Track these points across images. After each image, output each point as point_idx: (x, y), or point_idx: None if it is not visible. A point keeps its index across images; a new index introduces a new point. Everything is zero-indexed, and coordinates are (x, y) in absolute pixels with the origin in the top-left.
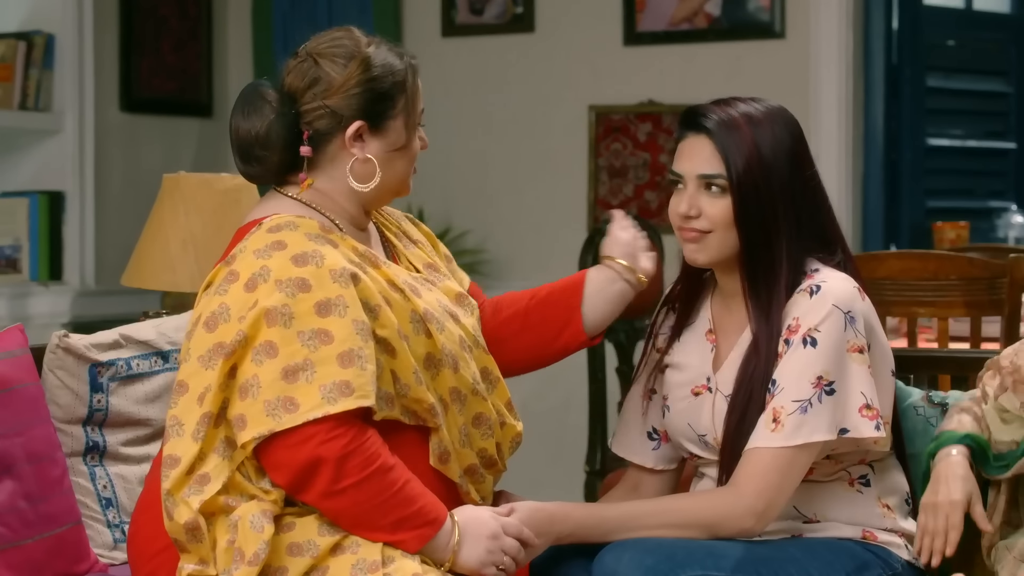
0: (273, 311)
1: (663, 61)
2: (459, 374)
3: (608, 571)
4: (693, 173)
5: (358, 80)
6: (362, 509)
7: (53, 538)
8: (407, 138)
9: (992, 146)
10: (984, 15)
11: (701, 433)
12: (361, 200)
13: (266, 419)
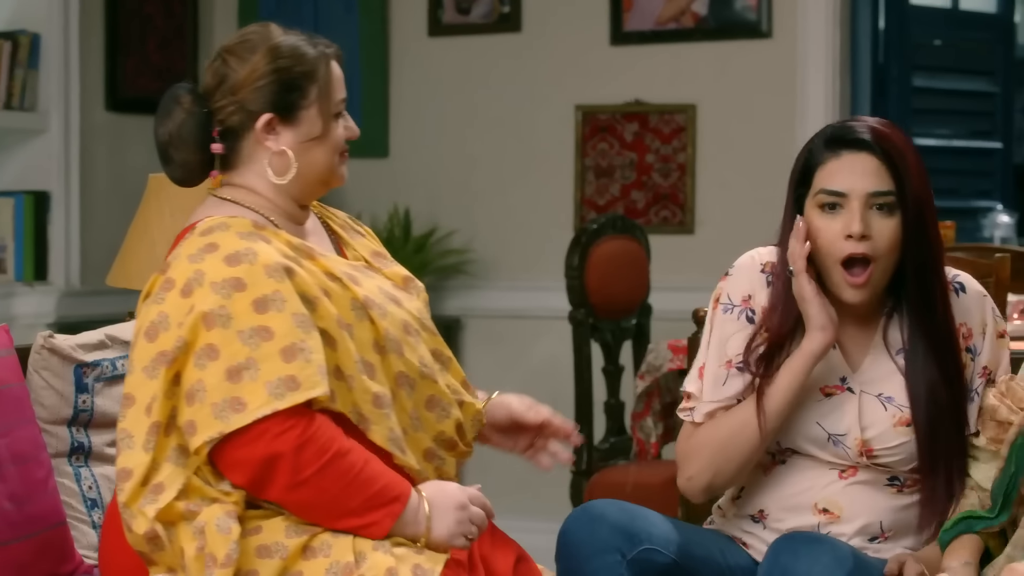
0: (210, 314)
1: (650, 61)
2: (404, 358)
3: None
4: (863, 191)
5: (263, 72)
6: (327, 496)
7: (38, 539)
8: (323, 127)
9: (978, 146)
10: (971, 15)
11: (839, 433)
12: (290, 194)
13: (215, 422)
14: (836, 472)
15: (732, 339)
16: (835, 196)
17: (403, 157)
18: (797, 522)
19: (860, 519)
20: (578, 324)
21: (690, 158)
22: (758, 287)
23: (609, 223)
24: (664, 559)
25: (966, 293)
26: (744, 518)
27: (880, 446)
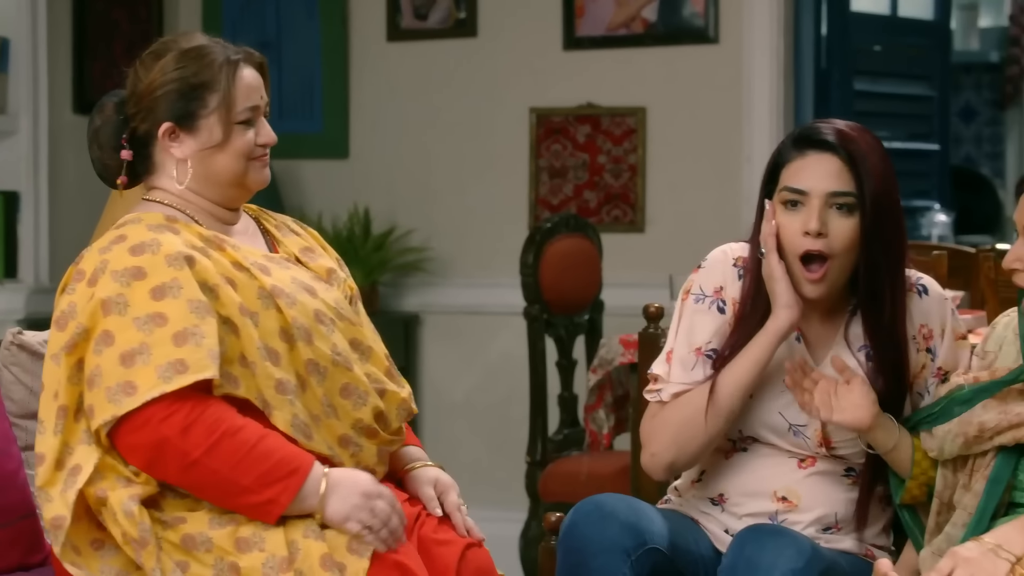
0: (108, 301)
1: (601, 65)
2: (314, 346)
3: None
4: (823, 191)
5: (162, 81)
6: (220, 475)
7: (8, 530)
8: (223, 135)
9: (916, 147)
10: (909, 21)
11: (800, 424)
12: (207, 197)
13: (109, 405)
14: (795, 461)
15: (703, 327)
16: (797, 194)
17: (363, 158)
18: (755, 507)
19: (817, 509)
20: (533, 320)
21: (640, 159)
22: (730, 280)
23: (562, 222)
24: (661, 555)
25: (928, 295)
26: (703, 500)
27: (839, 438)
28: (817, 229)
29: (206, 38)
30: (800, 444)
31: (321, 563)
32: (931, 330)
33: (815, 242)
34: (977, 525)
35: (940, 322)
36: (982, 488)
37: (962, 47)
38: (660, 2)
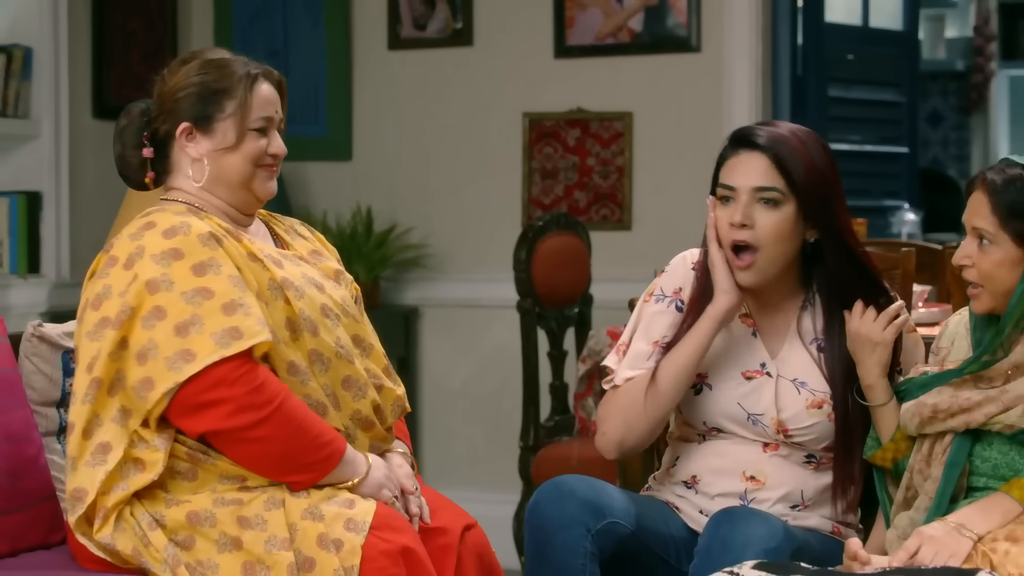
0: (153, 281)
1: (590, 72)
2: (319, 337)
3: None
4: (748, 186)
5: (185, 84)
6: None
7: (30, 511)
8: (236, 138)
9: (887, 150)
10: (880, 32)
11: (757, 413)
12: (222, 198)
13: (170, 373)
14: (760, 445)
15: (661, 324)
16: (728, 190)
17: (365, 160)
18: (726, 487)
19: (783, 487)
20: (525, 313)
21: (627, 161)
22: (687, 282)
23: (553, 220)
24: (624, 531)
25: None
26: (678, 484)
27: (794, 426)
28: (740, 221)
29: (230, 54)
30: (760, 432)
31: (318, 542)
32: None
33: (740, 232)
34: (937, 509)
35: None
36: (940, 474)
37: (930, 56)
38: (646, 12)
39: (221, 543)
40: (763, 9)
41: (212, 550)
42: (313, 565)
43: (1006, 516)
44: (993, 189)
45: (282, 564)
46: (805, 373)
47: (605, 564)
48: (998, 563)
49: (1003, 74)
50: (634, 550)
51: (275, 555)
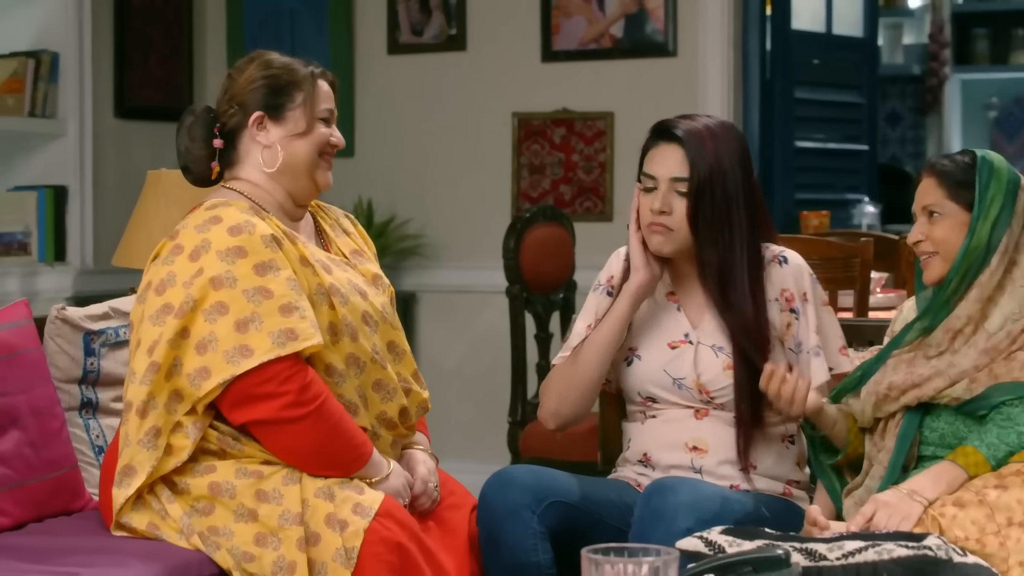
0: (218, 278)
1: (575, 75)
2: (358, 343)
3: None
4: (667, 176)
5: (256, 77)
6: (321, 431)
7: (53, 480)
8: (307, 125)
9: (849, 148)
10: (842, 38)
11: (680, 378)
12: (284, 186)
13: (227, 366)
14: (692, 413)
15: (594, 307)
16: (650, 179)
17: (367, 157)
18: (674, 460)
19: (723, 452)
20: (514, 298)
21: (609, 158)
22: (618, 271)
23: (540, 212)
24: (569, 507)
25: (788, 264)
26: (635, 464)
27: (714, 387)
28: (660, 208)
29: (289, 57)
30: (687, 396)
31: (326, 520)
32: (792, 293)
33: (659, 218)
34: (890, 477)
35: (798, 287)
36: (893, 445)
37: (888, 61)
38: (626, 20)
39: (239, 513)
40: (734, 17)
41: (230, 519)
42: (319, 540)
43: (952, 483)
44: (941, 170)
45: (292, 538)
46: (722, 340)
47: (558, 539)
48: (946, 527)
49: (956, 78)
50: (587, 523)
51: (287, 529)
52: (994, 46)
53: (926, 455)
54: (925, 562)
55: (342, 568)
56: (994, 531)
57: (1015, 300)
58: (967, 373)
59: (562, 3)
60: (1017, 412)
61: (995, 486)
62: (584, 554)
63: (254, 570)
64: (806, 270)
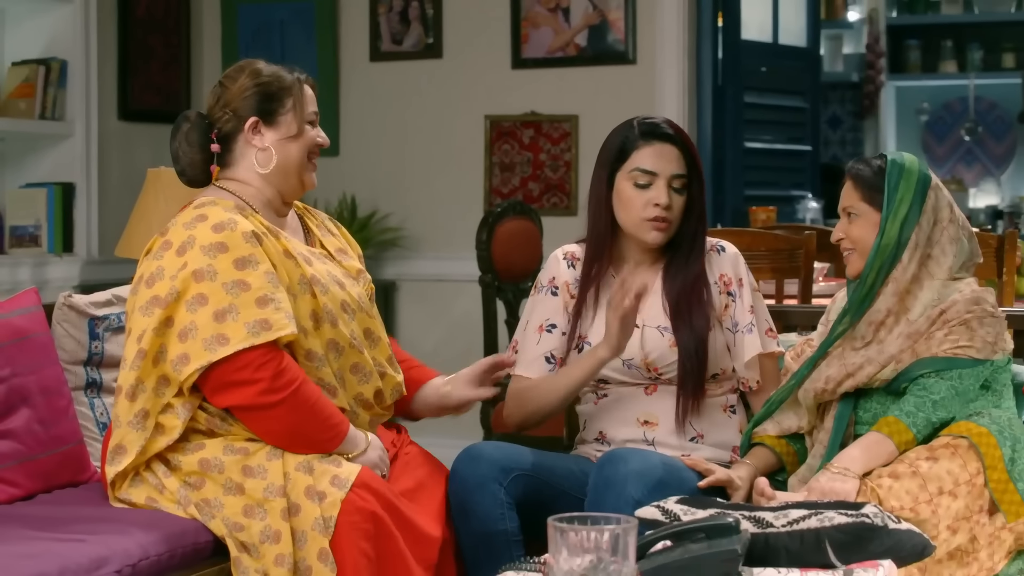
0: (200, 271)
1: (542, 81)
2: (337, 329)
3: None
4: (668, 173)
5: (249, 85)
6: (297, 416)
7: (61, 454)
8: (298, 128)
9: (793, 148)
10: (787, 48)
11: (628, 359)
12: (274, 185)
13: (205, 352)
14: (643, 390)
15: (542, 310)
16: (648, 175)
17: (350, 156)
18: (628, 435)
19: (673, 424)
20: (486, 286)
21: (574, 157)
22: (560, 270)
23: (510, 207)
24: (533, 479)
25: (725, 252)
26: (592, 442)
27: (661, 364)
28: (666, 203)
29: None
30: (636, 375)
31: (305, 492)
32: (729, 278)
33: (661, 211)
34: (829, 455)
35: (735, 273)
36: (831, 426)
37: (829, 69)
38: (589, 30)
39: (227, 487)
40: (689, 28)
41: (219, 492)
42: (299, 511)
43: (879, 451)
44: (856, 174)
45: (276, 508)
46: (663, 320)
47: (524, 509)
48: (883, 497)
49: (890, 85)
50: (550, 494)
51: (271, 501)
52: (925, 56)
53: (861, 434)
54: (863, 528)
55: (320, 536)
56: (926, 500)
57: (933, 291)
58: (894, 356)
59: (531, 14)
60: (932, 383)
61: (927, 458)
62: (550, 523)
63: (244, 538)
64: (740, 258)
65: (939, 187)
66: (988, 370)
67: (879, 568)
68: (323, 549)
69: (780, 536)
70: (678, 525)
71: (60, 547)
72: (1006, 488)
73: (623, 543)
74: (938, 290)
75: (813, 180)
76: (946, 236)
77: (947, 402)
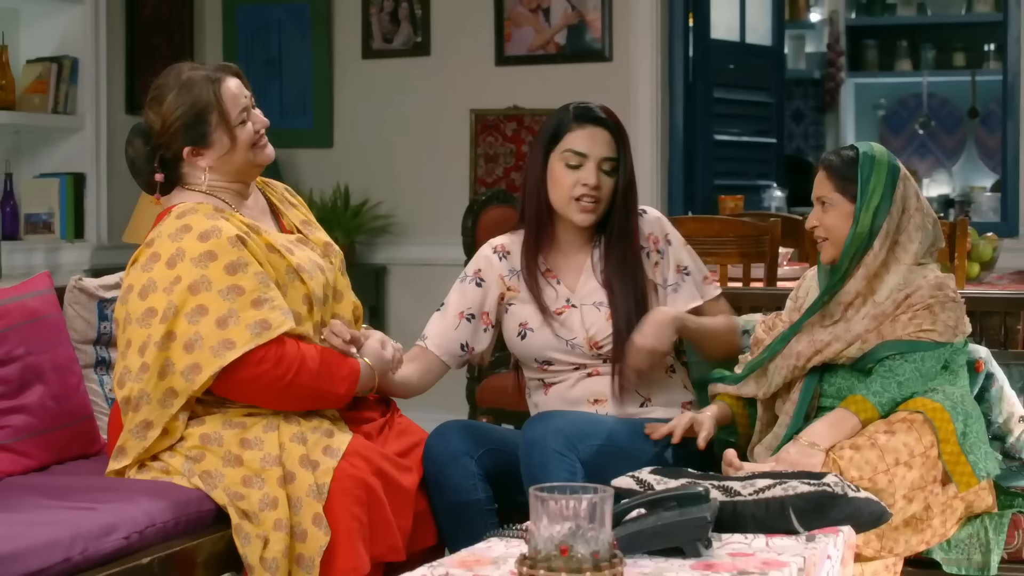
0: (195, 284)
1: (525, 77)
2: (323, 309)
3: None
4: (598, 155)
5: (172, 119)
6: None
7: (72, 428)
8: (231, 140)
9: (760, 141)
10: (754, 47)
11: (571, 338)
12: (235, 180)
13: (215, 359)
14: (586, 374)
15: (463, 298)
16: (579, 156)
17: (343, 148)
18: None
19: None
20: None
21: None
22: (490, 262)
23: (494, 196)
24: (501, 454)
25: (648, 215)
26: None
27: (601, 337)
28: (596, 184)
29: (188, 67)
30: (579, 355)
31: (300, 461)
32: (657, 237)
33: (591, 191)
34: (794, 424)
35: (661, 230)
36: (797, 398)
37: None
38: (568, 30)
39: (226, 459)
40: (662, 28)
41: (219, 464)
42: (294, 479)
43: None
44: (829, 165)
45: (273, 477)
46: (600, 296)
47: (493, 481)
48: (844, 467)
49: (850, 82)
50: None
51: (268, 470)
52: (882, 55)
53: (825, 406)
54: (824, 496)
55: (315, 502)
56: (884, 470)
57: (899, 275)
58: (860, 336)
59: (513, 14)
60: (898, 365)
61: (884, 431)
62: (532, 492)
63: (245, 507)
64: (664, 218)
65: (907, 177)
66: (948, 352)
67: (839, 534)
68: (317, 514)
69: (747, 504)
70: (652, 494)
71: (72, 515)
72: (958, 460)
73: (600, 511)
74: (904, 275)
75: (778, 171)
76: (912, 224)
77: (911, 383)
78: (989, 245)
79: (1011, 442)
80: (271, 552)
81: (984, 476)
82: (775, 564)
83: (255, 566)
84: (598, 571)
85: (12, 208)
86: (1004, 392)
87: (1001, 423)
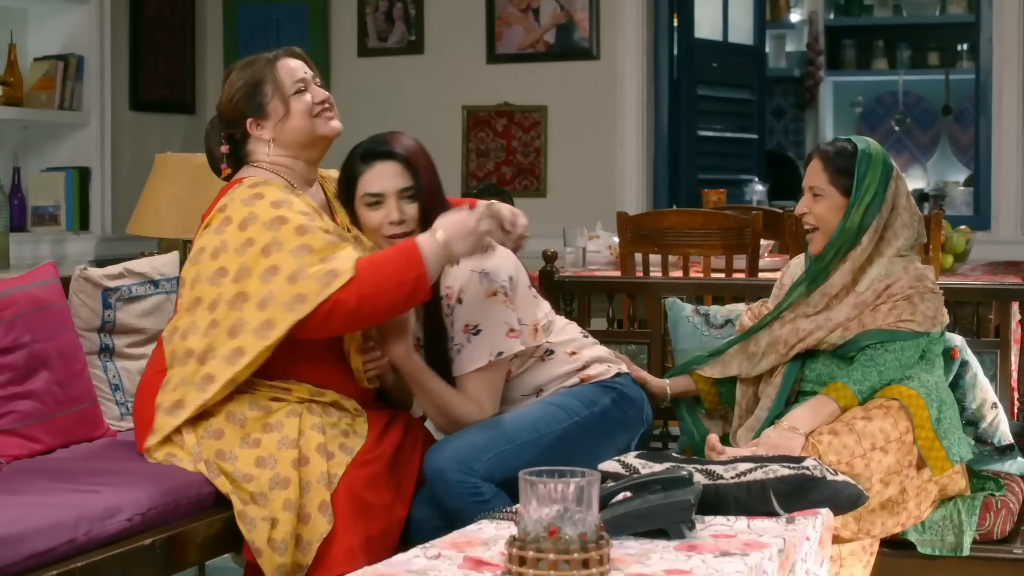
0: (267, 245)
1: (515, 74)
2: None
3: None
4: (394, 189)
5: (232, 93)
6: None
7: (77, 413)
8: (284, 108)
9: (742, 136)
10: (736, 46)
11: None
12: (297, 155)
13: (289, 314)
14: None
15: None
16: (375, 196)
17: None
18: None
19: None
20: None
21: (543, 144)
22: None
23: (485, 189)
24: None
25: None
26: None
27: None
28: (399, 219)
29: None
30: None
31: (316, 449)
32: (452, 293)
33: (397, 227)
34: (775, 408)
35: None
36: (779, 382)
37: (774, 65)
38: (557, 28)
39: (244, 440)
40: (647, 28)
41: (236, 444)
42: (308, 462)
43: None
44: (825, 156)
45: (287, 458)
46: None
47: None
48: (823, 452)
49: (828, 80)
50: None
51: (283, 451)
52: (859, 54)
53: (805, 391)
54: (804, 480)
55: (324, 488)
56: (861, 455)
57: (880, 266)
58: (841, 324)
59: (504, 14)
60: (878, 354)
61: (862, 417)
62: (521, 475)
63: (253, 488)
64: (473, 272)
65: (899, 176)
66: (926, 341)
67: (818, 516)
68: (324, 501)
69: (729, 487)
70: (637, 477)
71: (76, 497)
72: (932, 445)
73: (587, 494)
74: (885, 266)
75: (759, 165)
76: (899, 221)
77: (890, 371)
78: (962, 238)
79: (984, 427)
80: (280, 533)
81: (958, 460)
82: (756, 545)
83: (263, 549)
84: (585, 552)
85: (20, 201)
86: (978, 379)
87: (975, 409)
